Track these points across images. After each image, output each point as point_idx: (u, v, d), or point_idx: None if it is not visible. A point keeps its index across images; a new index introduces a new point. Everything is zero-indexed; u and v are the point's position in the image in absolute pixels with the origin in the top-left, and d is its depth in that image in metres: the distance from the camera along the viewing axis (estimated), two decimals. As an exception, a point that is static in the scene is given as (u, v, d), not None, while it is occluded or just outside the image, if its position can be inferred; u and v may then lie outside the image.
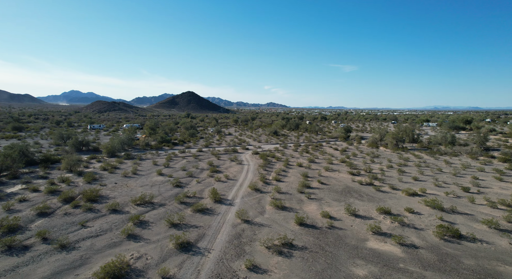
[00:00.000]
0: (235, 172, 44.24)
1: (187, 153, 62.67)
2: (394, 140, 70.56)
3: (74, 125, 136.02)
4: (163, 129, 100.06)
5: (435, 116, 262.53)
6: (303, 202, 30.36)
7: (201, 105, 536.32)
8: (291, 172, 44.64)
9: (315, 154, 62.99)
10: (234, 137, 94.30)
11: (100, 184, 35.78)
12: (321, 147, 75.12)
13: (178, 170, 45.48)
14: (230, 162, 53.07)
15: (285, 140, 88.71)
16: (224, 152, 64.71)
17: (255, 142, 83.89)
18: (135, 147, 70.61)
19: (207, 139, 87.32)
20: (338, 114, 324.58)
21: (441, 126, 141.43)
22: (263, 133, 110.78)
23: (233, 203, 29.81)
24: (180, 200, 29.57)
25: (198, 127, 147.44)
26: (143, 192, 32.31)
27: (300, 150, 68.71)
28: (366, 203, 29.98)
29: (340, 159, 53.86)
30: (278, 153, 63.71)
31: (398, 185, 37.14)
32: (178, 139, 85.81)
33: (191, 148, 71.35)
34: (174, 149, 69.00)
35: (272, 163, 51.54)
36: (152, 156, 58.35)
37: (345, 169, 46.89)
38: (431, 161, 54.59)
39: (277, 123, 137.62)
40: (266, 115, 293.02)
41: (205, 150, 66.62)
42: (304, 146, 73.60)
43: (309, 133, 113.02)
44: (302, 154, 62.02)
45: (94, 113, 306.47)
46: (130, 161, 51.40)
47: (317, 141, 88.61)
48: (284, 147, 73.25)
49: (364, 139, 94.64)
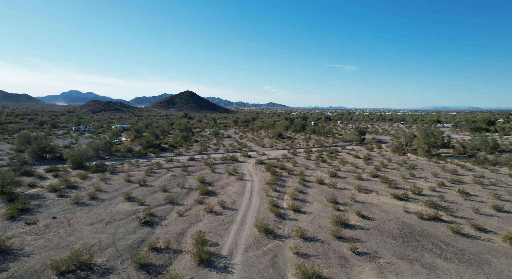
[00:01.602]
0: (235, 195, 31.98)
1: (175, 162, 50.44)
2: (426, 145, 58.30)
3: (59, 126, 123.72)
4: (153, 131, 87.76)
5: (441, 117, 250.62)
6: (349, 262, 18.04)
7: (200, 105, 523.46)
8: (312, 194, 32.38)
9: (334, 163, 50.73)
10: (234, 141, 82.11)
11: (26, 221, 23.43)
12: (338, 153, 62.85)
13: (157, 190, 33.17)
14: (228, 176, 40.83)
15: (292, 144, 76.43)
16: (221, 161, 52.46)
17: (258, 147, 71.67)
18: (114, 154, 58.38)
19: (202, 143, 75.07)
20: (341, 114, 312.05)
21: (461, 128, 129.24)
22: (266, 135, 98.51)
23: (231, 267, 17.52)
24: (141, 261, 17.27)
25: (195, 128, 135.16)
26: (85, 241, 20.13)
27: (314, 157, 56.46)
28: (459, 269, 17.71)
29: (370, 173, 41.58)
30: (288, 162, 51.47)
31: (480, 220, 24.82)
32: (169, 143, 73.61)
33: (182, 155, 59.07)
34: (161, 156, 56.73)
35: (282, 179, 39.29)
36: (130, 167, 46.09)
37: (384, 189, 34.64)
38: (490, 175, 42.31)
39: (281, 124, 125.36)
40: (267, 115, 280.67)
41: (198, 158, 54.35)
42: (318, 153, 61.38)
43: (318, 135, 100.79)
44: (318, 164, 49.72)
45: (89, 113, 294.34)
46: (98, 175, 39.14)
47: (330, 146, 76.35)
48: (293, 153, 60.97)
49: (382, 142, 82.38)
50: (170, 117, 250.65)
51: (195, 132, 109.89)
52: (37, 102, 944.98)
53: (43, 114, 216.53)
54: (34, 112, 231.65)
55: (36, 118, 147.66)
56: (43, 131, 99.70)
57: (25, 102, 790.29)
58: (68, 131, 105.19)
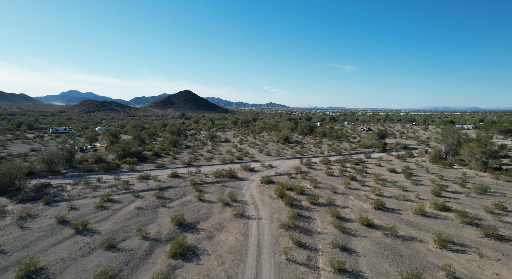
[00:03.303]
0: (230, 257, 18.29)
1: (151, 181, 36.75)
2: (483, 155, 44.72)
3: (37, 128, 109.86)
4: (138, 135, 73.99)
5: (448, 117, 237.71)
6: None
7: (198, 105, 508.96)
8: (365, 255, 18.71)
9: (369, 182, 37.12)
10: (232, 146, 68.53)
11: None
12: (365, 165, 49.13)
13: (97, 247, 19.40)
14: (221, 208, 27.19)
15: (303, 151, 62.69)
16: (214, 177, 38.79)
17: (262, 155, 58.03)
18: (77, 166, 44.75)
19: (194, 150, 61.35)
20: (344, 115, 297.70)
21: (484, 129, 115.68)
22: (269, 139, 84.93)
23: None
24: None
25: (190, 129, 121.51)
26: None
27: (338, 172, 42.85)
28: None
29: (433, 203, 27.87)
30: (305, 179, 37.90)
31: None
32: (154, 150, 60.02)
33: (165, 167, 45.40)
34: (136, 171, 43.07)
35: (304, 214, 25.67)
36: (83, 190, 32.31)
37: (479, 240, 21.06)
38: None
39: (285, 126, 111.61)
40: (268, 115, 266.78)
41: (184, 174, 40.68)
42: (340, 164, 47.84)
43: (330, 139, 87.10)
44: (347, 183, 36.02)
45: (81, 113, 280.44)
46: (21, 210, 25.44)
47: (349, 153, 62.69)
48: (308, 165, 47.27)
49: (409, 148, 68.75)
50: (166, 117, 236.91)
51: (188, 135, 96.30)
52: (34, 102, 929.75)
53: (32, 114, 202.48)
54: (23, 112, 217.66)
55: (13, 119, 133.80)
56: (14, 133, 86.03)
57: (20, 102, 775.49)
58: (44, 134, 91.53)
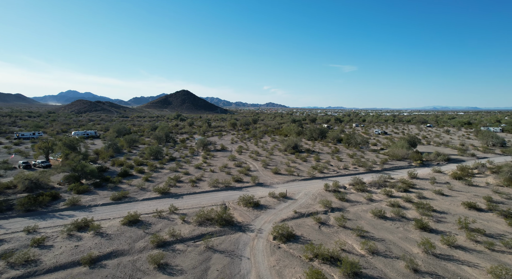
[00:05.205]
0: None
1: (88, 234, 21.91)
2: None
3: (5, 131, 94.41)
4: (112, 143, 59.02)
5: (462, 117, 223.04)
6: None
7: (196, 105, 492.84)
8: None
9: (459, 238, 22.43)
10: (230, 157, 53.72)
11: None
12: (418, 191, 34.29)
13: None
14: None
15: (320, 165, 47.51)
16: (196, 225, 23.98)
17: (269, 173, 43.16)
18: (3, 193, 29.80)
19: (179, 164, 46.50)
20: (348, 115, 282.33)
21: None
22: (275, 146, 70.19)
23: None
24: None
25: (183, 133, 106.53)
26: None
27: (389, 207, 28.00)
28: None
29: None
30: (345, 229, 23.23)
31: None
32: (125, 165, 45.27)
33: (127, 199, 30.44)
34: (80, 207, 28.06)
35: None
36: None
37: None
38: None
39: (290, 129, 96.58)
40: (268, 116, 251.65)
41: (149, 215, 25.86)
42: (382, 192, 33.11)
43: (346, 146, 72.19)
44: (425, 242, 21.21)
45: (72, 113, 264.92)
46: None
47: (382, 169, 47.87)
48: (337, 193, 32.42)
49: (452, 161, 53.83)
50: (160, 118, 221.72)
51: (178, 141, 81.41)
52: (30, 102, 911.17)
53: (17, 115, 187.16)
54: (7, 113, 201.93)
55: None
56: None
57: (14, 102, 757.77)
58: (5, 140, 76.54)
